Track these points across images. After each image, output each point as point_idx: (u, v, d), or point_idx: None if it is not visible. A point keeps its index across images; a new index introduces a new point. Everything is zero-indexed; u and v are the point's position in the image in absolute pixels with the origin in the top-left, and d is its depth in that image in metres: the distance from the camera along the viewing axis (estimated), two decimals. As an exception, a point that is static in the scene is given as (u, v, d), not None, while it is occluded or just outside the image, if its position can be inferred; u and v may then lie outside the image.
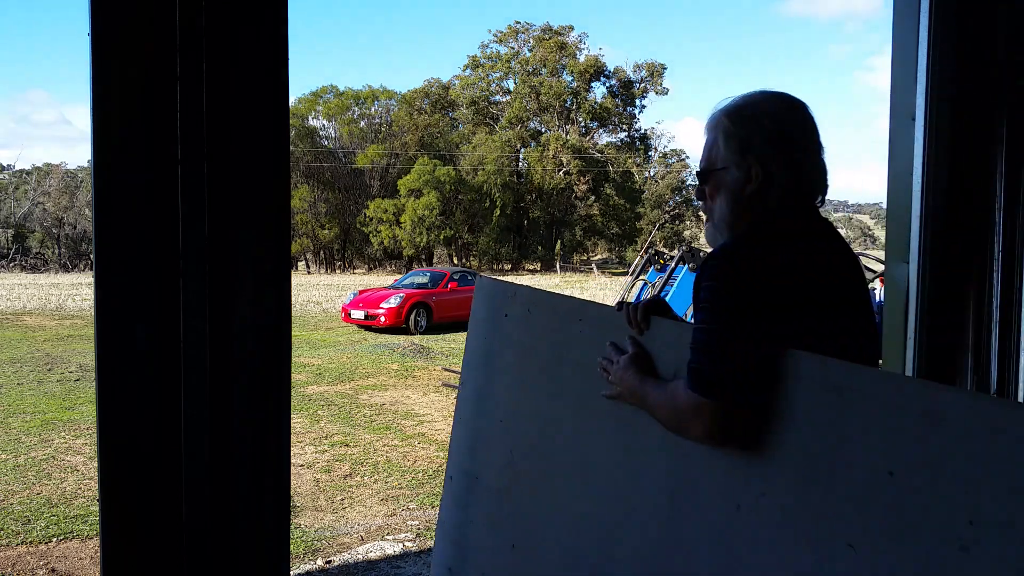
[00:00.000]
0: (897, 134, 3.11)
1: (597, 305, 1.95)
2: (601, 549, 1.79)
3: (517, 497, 2.11)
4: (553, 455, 2.00)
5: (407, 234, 42.64)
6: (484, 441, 2.28)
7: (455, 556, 2.33)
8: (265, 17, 2.00)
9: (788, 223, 1.51)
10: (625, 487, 1.74)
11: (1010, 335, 3.04)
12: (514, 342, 2.22)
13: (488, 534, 2.22)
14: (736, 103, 1.56)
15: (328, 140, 48.25)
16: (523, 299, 2.21)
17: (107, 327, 1.90)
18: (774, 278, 1.42)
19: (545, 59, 48.87)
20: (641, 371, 1.65)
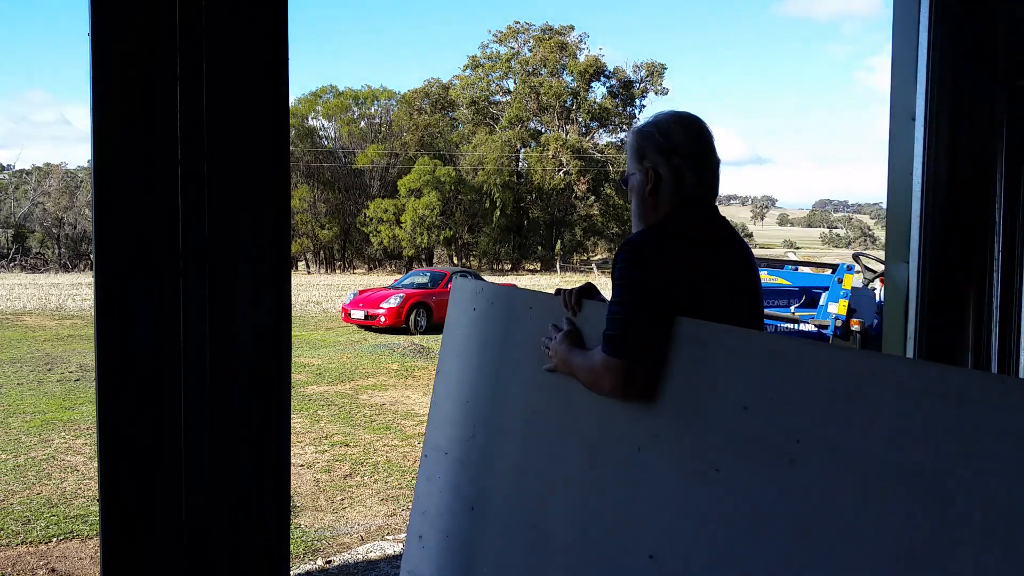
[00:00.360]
0: (897, 134, 3.11)
1: (545, 294, 2.24)
2: (537, 497, 2.11)
3: (476, 465, 2.41)
4: (504, 425, 2.31)
5: (407, 234, 42.65)
6: (452, 420, 2.59)
7: (423, 524, 2.63)
8: (265, 17, 2.00)
9: (684, 219, 1.84)
10: (557, 444, 2.06)
11: (1010, 335, 3.04)
12: (479, 331, 2.54)
13: (451, 499, 2.51)
14: (642, 123, 1.95)
15: (328, 140, 48.27)
16: (488, 294, 2.55)
17: (107, 327, 1.90)
18: (669, 262, 1.76)
19: (545, 59, 48.89)
20: (572, 345, 1.96)
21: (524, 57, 50.07)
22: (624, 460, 1.82)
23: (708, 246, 1.83)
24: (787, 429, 1.45)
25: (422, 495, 2.69)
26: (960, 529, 1.17)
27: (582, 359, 1.89)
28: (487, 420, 2.41)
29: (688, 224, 1.84)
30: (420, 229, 42.64)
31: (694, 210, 1.86)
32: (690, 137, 1.87)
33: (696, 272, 1.77)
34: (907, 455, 1.25)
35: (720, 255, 1.84)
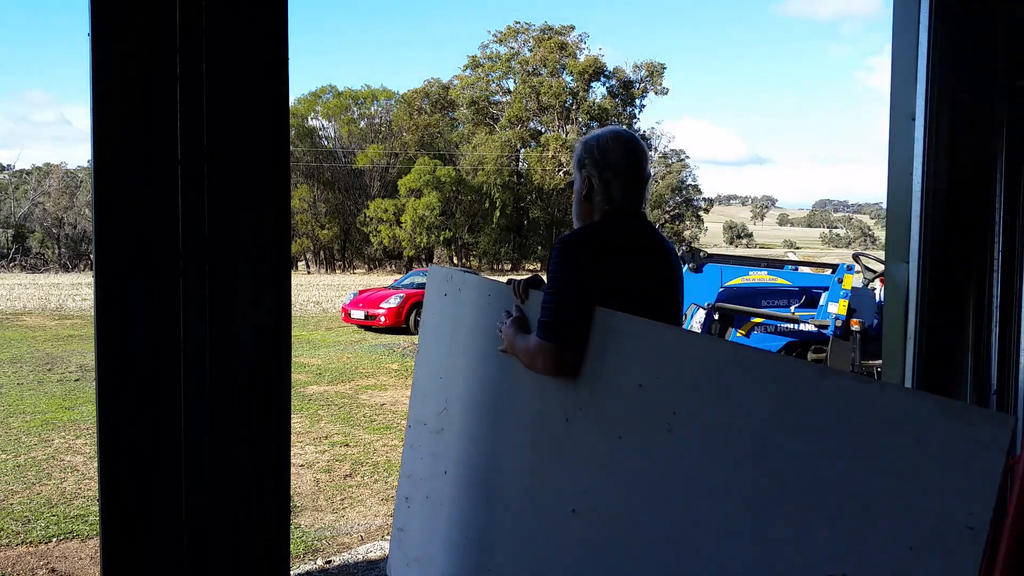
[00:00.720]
0: (897, 134, 3.11)
1: (502, 284, 2.50)
2: (491, 461, 2.47)
3: (448, 434, 2.74)
4: (468, 399, 2.64)
5: (407, 234, 42.65)
6: (430, 395, 2.92)
7: (409, 487, 3.00)
8: (265, 17, 2.00)
9: (612, 224, 2.14)
10: (506, 415, 2.39)
11: (1010, 335, 3.04)
12: (449, 315, 2.85)
13: (431, 465, 2.85)
14: (588, 135, 2.26)
15: (328, 140, 48.26)
16: (456, 281, 2.85)
17: (107, 327, 1.90)
18: (592, 261, 2.05)
19: (545, 59, 48.88)
20: (518, 329, 2.24)
21: (524, 57, 50.06)
22: (555, 429, 2.14)
23: (630, 248, 2.14)
24: (668, 404, 1.77)
25: (407, 461, 3.07)
26: (779, 477, 1.50)
27: (523, 342, 2.17)
28: (456, 394, 2.73)
29: (615, 229, 2.14)
30: (420, 229, 42.63)
31: (623, 217, 2.16)
32: (623, 155, 2.17)
33: (615, 269, 2.07)
34: (746, 424, 1.57)
35: (640, 255, 2.15)
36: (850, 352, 6.55)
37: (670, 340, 1.83)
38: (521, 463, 2.29)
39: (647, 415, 1.81)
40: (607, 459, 1.92)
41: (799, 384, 1.49)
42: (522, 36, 50.48)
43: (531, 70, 49.47)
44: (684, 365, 1.75)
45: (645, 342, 1.87)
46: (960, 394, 3.02)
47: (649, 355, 1.85)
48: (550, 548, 2.11)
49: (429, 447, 2.88)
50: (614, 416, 1.92)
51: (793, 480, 1.46)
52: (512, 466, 2.34)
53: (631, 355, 1.90)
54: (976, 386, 3.01)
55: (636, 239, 2.16)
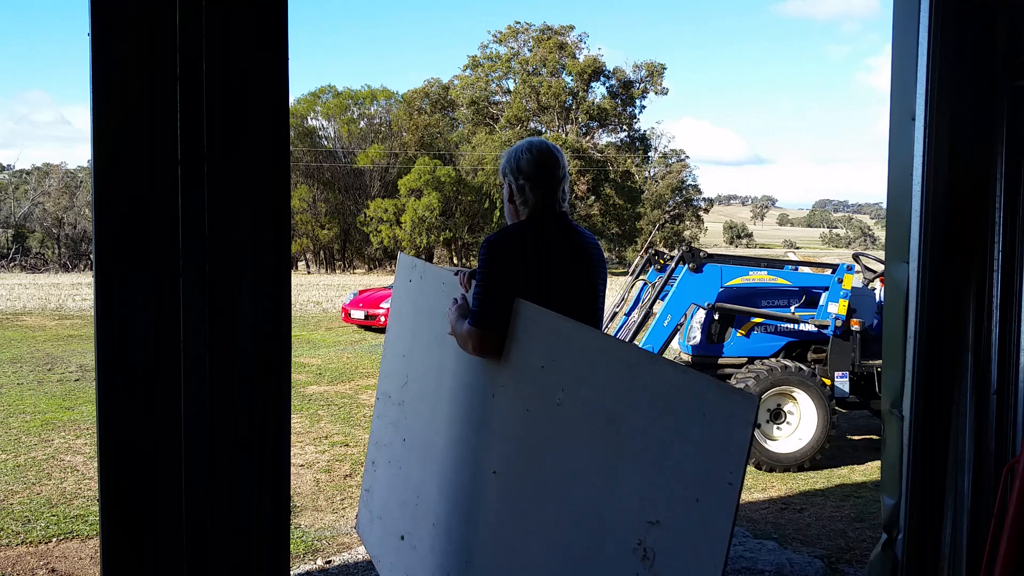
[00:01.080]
0: (897, 134, 3.11)
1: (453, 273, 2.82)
2: (432, 430, 2.84)
3: (407, 406, 3.14)
4: (422, 376, 3.03)
5: (407, 234, 42.63)
6: (394, 371, 3.32)
7: (375, 452, 3.45)
8: (265, 17, 2.00)
9: (534, 224, 2.44)
10: (446, 390, 2.77)
11: (1010, 335, 3.04)
12: (412, 300, 3.25)
13: (392, 433, 3.25)
14: (513, 146, 2.54)
15: (327, 140, 48.25)
16: (419, 269, 3.23)
17: (107, 327, 1.90)
18: (512, 256, 2.36)
19: (544, 59, 48.86)
20: (460, 315, 2.52)
21: (524, 57, 50.05)
22: (483, 403, 2.48)
23: (546, 244, 2.41)
24: (559, 383, 2.08)
25: (375, 430, 3.51)
26: (622, 442, 1.81)
27: (460, 327, 2.48)
28: (414, 371, 3.13)
29: (533, 227, 2.43)
30: (420, 229, 42.62)
31: (542, 217, 2.45)
32: (534, 165, 2.47)
33: (531, 264, 2.36)
34: (605, 400, 1.89)
35: (556, 250, 2.42)
36: (850, 352, 6.55)
37: (562, 329, 2.14)
38: (456, 432, 2.66)
39: (545, 391, 2.14)
40: (520, 429, 2.25)
41: (640, 369, 1.81)
42: (522, 36, 50.47)
43: (531, 70, 49.44)
44: (569, 351, 2.08)
45: (546, 330, 2.19)
46: (960, 394, 3.02)
47: (548, 341, 2.17)
48: (477, 504, 2.44)
49: (392, 417, 3.28)
50: (524, 392, 2.25)
51: (630, 445, 1.78)
52: (449, 434, 2.70)
53: (537, 341, 2.23)
54: (976, 386, 3.01)
55: (553, 236, 2.44)
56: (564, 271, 2.41)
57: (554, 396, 2.09)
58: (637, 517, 1.70)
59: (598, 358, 1.97)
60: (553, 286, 2.36)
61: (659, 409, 1.70)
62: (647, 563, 1.64)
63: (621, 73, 51.23)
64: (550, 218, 2.46)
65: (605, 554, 1.78)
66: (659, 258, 7.27)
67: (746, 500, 5.52)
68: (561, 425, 2.05)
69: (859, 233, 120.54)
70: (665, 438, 1.67)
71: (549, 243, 2.41)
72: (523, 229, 2.44)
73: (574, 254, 2.45)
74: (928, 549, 3.03)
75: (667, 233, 57.00)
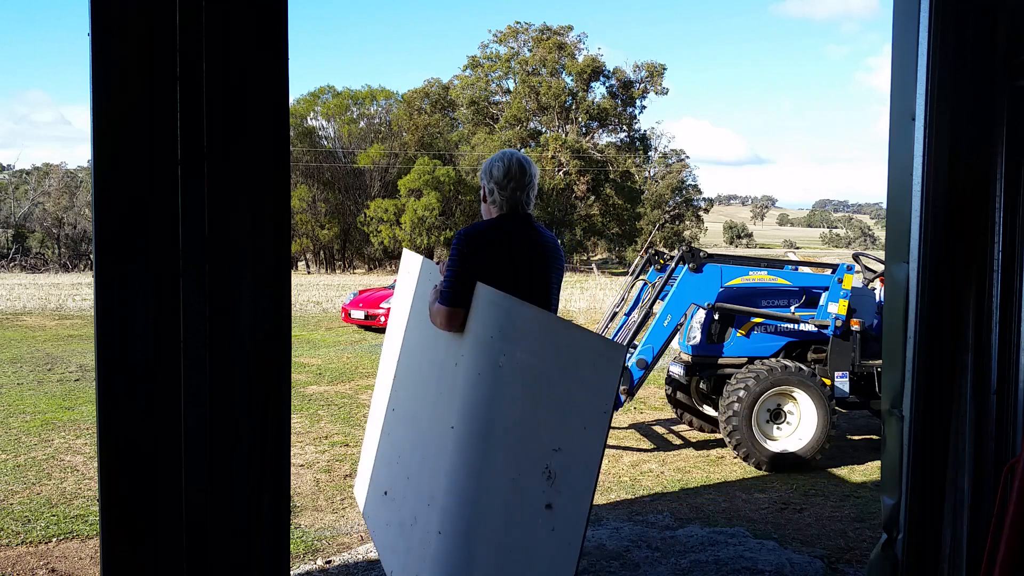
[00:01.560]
0: (897, 134, 3.11)
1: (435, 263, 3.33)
2: (413, 397, 3.34)
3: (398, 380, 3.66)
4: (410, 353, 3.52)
5: (407, 234, 42.64)
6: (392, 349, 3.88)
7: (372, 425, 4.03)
8: (265, 17, 2.00)
9: (502, 222, 2.92)
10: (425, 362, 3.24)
11: (1010, 335, 3.04)
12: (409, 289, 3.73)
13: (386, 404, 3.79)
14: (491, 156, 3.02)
15: (327, 140, 48.25)
16: (416, 264, 3.72)
17: (107, 327, 1.90)
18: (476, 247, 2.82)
19: (544, 59, 48.85)
20: (435, 297, 2.95)
21: (524, 57, 50.04)
22: (449, 370, 2.89)
23: (507, 239, 2.88)
24: (502, 350, 2.47)
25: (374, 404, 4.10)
26: (543, 391, 2.21)
27: (432, 306, 2.94)
28: (405, 348, 3.64)
29: (498, 225, 2.91)
30: (420, 229, 42.63)
31: (509, 217, 2.93)
32: (501, 172, 2.93)
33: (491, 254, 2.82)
34: (536, 362, 2.27)
35: (516, 245, 2.89)
36: (850, 352, 6.55)
37: (508, 306, 2.54)
38: (429, 398, 3.10)
39: (492, 357, 2.54)
40: (473, 389, 2.64)
41: (557, 334, 2.23)
42: (522, 36, 50.46)
43: (531, 70, 49.44)
44: (512, 323, 2.49)
45: (497, 308, 2.61)
46: (960, 394, 3.02)
47: (498, 316, 2.59)
48: (439, 456, 2.85)
49: (386, 392, 3.84)
50: (478, 358, 2.65)
51: (547, 392, 2.19)
52: (424, 401, 3.16)
53: (490, 317, 2.64)
54: (976, 386, 3.01)
55: (515, 233, 2.91)
56: (521, 262, 2.89)
57: (498, 360, 2.50)
58: (548, 448, 2.12)
59: (530, 327, 2.40)
60: (510, 274, 2.82)
61: (567, 362, 2.13)
62: (551, 481, 2.07)
63: (621, 73, 51.22)
64: (515, 218, 2.95)
65: (526, 480, 2.20)
66: (659, 258, 7.27)
67: (746, 500, 5.52)
68: (501, 383, 2.47)
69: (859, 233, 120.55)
70: (569, 384, 2.09)
71: (511, 238, 2.90)
72: (490, 225, 2.93)
73: (531, 249, 2.92)
74: (928, 549, 3.03)
75: (667, 233, 57.00)
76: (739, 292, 6.72)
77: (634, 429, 7.64)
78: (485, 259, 2.81)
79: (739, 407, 6.23)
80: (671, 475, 6.13)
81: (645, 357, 6.49)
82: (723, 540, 4.61)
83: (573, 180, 48.07)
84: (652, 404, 8.74)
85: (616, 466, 6.34)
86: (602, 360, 1.97)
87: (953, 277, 2.99)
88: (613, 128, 52.27)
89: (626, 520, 5.00)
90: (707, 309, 6.67)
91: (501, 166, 2.94)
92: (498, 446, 2.41)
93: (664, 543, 4.55)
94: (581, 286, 28.91)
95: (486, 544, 2.40)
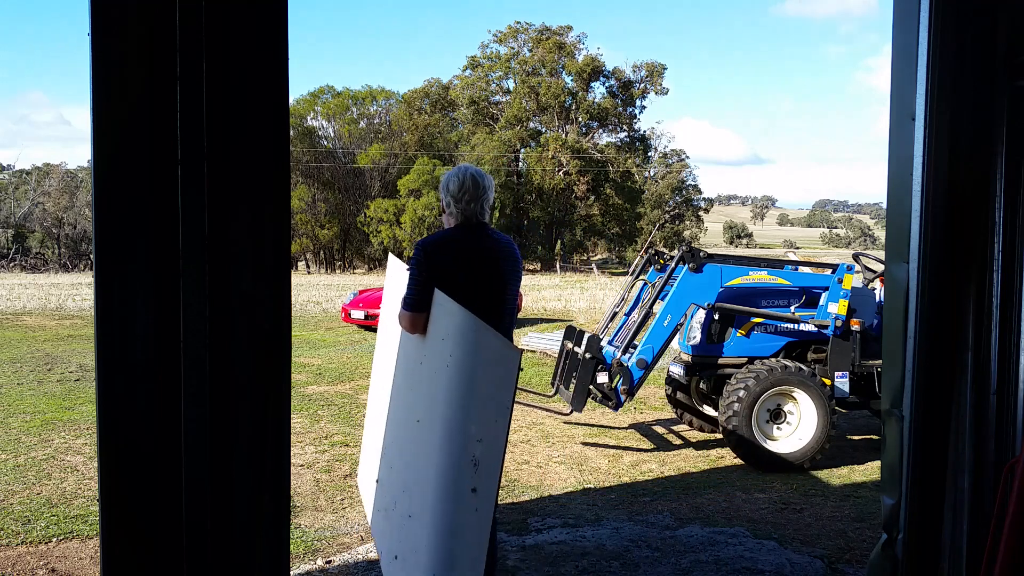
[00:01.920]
0: (897, 134, 3.11)
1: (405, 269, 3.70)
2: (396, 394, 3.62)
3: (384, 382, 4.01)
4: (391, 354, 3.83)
5: (407, 234, 42.64)
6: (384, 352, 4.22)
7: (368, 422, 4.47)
8: (265, 17, 2.00)
9: (458, 232, 3.25)
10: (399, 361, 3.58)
11: (1010, 335, 3.04)
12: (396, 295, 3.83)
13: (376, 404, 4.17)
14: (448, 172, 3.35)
15: (327, 140, 48.23)
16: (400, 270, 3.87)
17: (107, 327, 1.90)
18: (433, 255, 3.14)
19: (543, 59, 48.83)
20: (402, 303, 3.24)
21: (523, 57, 50.03)
22: (415, 368, 3.24)
23: (462, 248, 3.20)
24: (449, 350, 2.78)
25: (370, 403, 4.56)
26: (468, 385, 2.57)
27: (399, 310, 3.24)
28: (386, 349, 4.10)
29: (455, 235, 3.24)
30: (420, 229, 42.61)
31: (465, 227, 3.26)
32: (456, 186, 3.25)
33: (447, 262, 3.13)
34: (468, 360, 2.61)
35: (471, 253, 3.20)
36: (850, 352, 6.55)
37: (454, 312, 2.82)
38: (402, 392, 3.47)
39: (442, 357, 2.85)
40: (430, 385, 2.95)
41: (479, 336, 2.54)
42: (522, 36, 50.45)
43: (530, 70, 49.43)
44: (457, 327, 2.77)
45: (444, 311, 2.93)
46: (960, 394, 3.02)
47: (448, 321, 2.87)
48: (409, 447, 3.19)
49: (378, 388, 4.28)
50: (433, 359, 2.97)
51: (475, 387, 2.50)
52: (400, 395, 3.54)
53: (442, 321, 2.95)
54: (976, 386, 3.01)
55: (466, 240, 3.22)
56: (472, 268, 3.18)
57: (445, 360, 2.81)
58: (474, 439, 2.38)
59: (466, 331, 2.69)
60: (462, 279, 3.12)
61: (484, 360, 2.47)
62: (476, 469, 2.32)
63: (621, 73, 51.22)
64: (469, 227, 3.26)
65: (462, 469, 2.49)
66: (659, 258, 7.27)
67: (746, 500, 5.52)
68: (448, 380, 2.76)
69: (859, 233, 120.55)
70: (489, 380, 2.39)
71: (462, 246, 3.22)
72: (445, 235, 3.25)
73: (482, 255, 3.23)
74: (928, 549, 3.03)
75: (667, 233, 57.00)
76: (739, 292, 6.72)
77: (634, 429, 7.64)
78: (439, 266, 3.11)
79: (739, 407, 6.23)
80: (671, 475, 6.13)
81: (645, 357, 6.49)
82: (723, 540, 4.61)
83: (573, 180, 48.06)
84: (652, 404, 8.74)
85: (616, 466, 6.34)
86: (504, 359, 2.28)
87: (953, 277, 2.99)
88: (613, 128, 52.26)
89: (626, 520, 5.00)
90: (707, 309, 6.67)
91: (456, 181, 3.26)
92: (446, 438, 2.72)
93: (664, 543, 4.55)
94: (581, 286, 28.91)
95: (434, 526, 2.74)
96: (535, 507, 5.25)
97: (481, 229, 3.26)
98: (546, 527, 4.83)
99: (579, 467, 6.27)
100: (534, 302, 22.17)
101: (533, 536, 4.65)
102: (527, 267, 48.21)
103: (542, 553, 4.35)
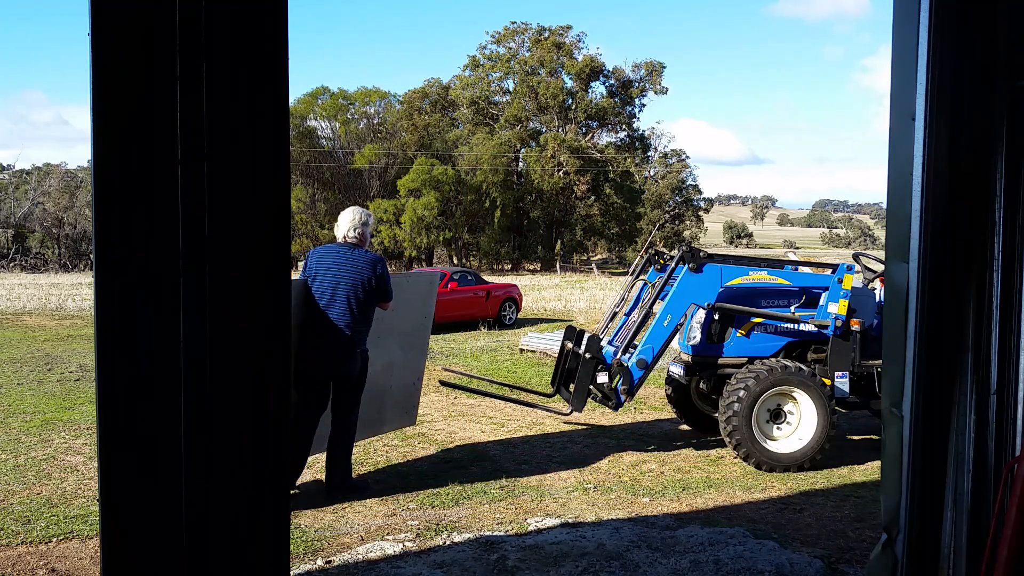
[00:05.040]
0: (897, 134, 3.10)
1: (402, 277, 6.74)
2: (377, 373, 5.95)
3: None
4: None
5: (407, 234, 42.64)
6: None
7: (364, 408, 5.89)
8: (265, 17, 2.00)
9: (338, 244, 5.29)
10: None
11: (1010, 335, 3.04)
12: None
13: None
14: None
15: (327, 140, 48.25)
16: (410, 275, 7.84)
17: (107, 327, 1.90)
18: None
19: (543, 59, 48.83)
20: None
21: (523, 57, 50.03)
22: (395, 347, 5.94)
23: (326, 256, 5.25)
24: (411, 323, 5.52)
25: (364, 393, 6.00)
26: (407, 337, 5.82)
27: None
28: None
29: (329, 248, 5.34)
30: (419, 229, 42.63)
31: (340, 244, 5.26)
32: (339, 219, 5.28)
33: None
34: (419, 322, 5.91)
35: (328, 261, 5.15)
36: (850, 352, 6.54)
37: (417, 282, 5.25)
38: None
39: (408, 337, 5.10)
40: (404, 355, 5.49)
41: (411, 286, 5.07)
42: (520, 36, 50.44)
43: (529, 70, 49.42)
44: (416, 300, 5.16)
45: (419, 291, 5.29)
46: (960, 394, 3.02)
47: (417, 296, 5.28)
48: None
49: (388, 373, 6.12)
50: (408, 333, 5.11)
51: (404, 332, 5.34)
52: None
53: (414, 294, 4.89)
54: (976, 386, 3.01)
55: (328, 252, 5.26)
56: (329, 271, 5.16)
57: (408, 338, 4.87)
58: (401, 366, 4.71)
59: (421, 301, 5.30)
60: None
61: (416, 300, 4.70)
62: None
63: (620, 72, 51.22)
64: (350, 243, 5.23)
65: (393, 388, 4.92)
66: (659, 258, 7.26)
67: (746, 500, 5.52)
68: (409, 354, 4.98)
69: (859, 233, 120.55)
70: (416, 316, 4.99)
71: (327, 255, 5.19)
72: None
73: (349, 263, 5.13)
74: (928, 549, 3.03)
75: (667, 233, 57.00)
76: (739, 292, 6.72)
77: (634, 429, 7.64)
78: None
79: (739, 407, 6.23)
80: (671, 475, 6.13)
81: (645, 357, 6.49)
82: (723, 540, 4.61)
83: (573, 180, 48.06)
84: (652, 404, 8.74)
85: (616, 466, 6.35)
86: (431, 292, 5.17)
87: (953, 277, 2.99)
88: (612, 128, 52.26)
89: (626, 520, 5.00)
90: (707, 309, 6.67)
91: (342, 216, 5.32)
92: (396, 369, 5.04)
93: (664, 543, 4.55)
94: (581, 286, 28.90)
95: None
96: (535, 507, 5.25)
97: (351, 246, 5.21)
98: (546, 527, 4.83)
99: (579, 467, 6.27)
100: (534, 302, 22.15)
101: (533, 536, 4.65)
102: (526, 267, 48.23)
103: (542, 553, 4.35)
